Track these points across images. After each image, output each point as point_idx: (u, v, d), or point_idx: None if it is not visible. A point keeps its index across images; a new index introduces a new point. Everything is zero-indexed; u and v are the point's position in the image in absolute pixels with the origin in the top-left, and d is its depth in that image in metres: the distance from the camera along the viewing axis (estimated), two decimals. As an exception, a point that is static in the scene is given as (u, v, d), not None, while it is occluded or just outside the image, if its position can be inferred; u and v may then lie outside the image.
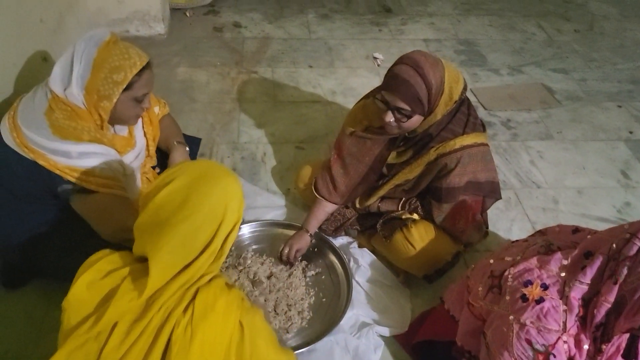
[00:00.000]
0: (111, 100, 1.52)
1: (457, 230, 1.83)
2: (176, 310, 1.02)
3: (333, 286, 1.92)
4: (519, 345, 1.23)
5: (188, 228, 1.01)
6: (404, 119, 1.60)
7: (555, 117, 2.88)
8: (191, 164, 1.11)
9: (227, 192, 1.05)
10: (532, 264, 1.31)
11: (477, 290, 1.44)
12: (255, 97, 2.87)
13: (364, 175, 1.87)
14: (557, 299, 1.23)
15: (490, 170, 1.77)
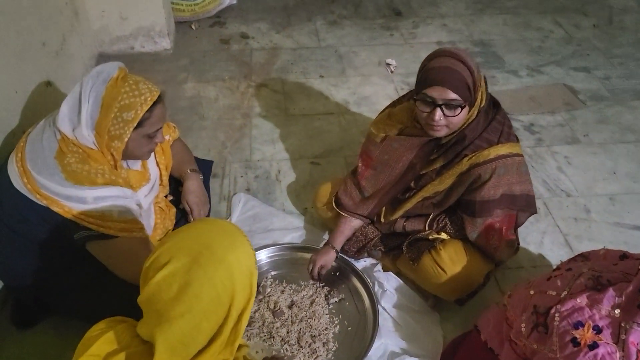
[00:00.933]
0: (122, 140, 1.44)
1: (490, 247, 1.71)
2: None
3: (358, 313, 1.81)
4: None
5: (188, 324, 0.87)
6: (453, 113, 1.50)
7: (580, 119, 2.75)
8: (188, 234, 0.95)
9: (233, 271, 0.90)
10: (581, 302, 1.19)
11: (519, 326, 1.33)
12: (266, 111, 2.77)
13: (394, 183, 1.76)
14: (612, 343, 1.11)
15: (526, 182, 1.66)
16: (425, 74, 1.51)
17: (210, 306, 0.88)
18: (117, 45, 3.09)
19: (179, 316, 0.87)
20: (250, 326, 1.73)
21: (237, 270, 0.91)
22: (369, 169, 1.81)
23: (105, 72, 1.43)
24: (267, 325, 1.74)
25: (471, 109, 1.54)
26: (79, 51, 2.74)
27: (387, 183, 1.78)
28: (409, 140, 1.69)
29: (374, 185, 1.81)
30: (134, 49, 3.12)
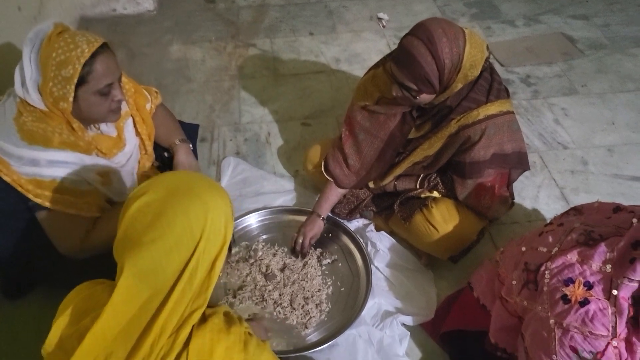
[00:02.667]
0: (67, 100, 1.34)
1: (482, 206, 1.68)
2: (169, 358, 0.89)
3: (351, 274, 1.80)
4: (562, 353, 1.09)
5: (158, 250, 0.86)
6: (410, 94, 1.44)
7: (578, 68, 2.67)
8: (170, 174, 0.97)
9: (208, 208, 0.91)
10: (572, 258, 1.16)
11: (510, 283, 1.31)
12: (254, 72, 2.70)
13: (380, 152, 1.71)
14: (603, 299, 1.08)
15: (517, 139, 1.60)
16: (398, 46, 1.44)
17: (182, 237, 0.87)
18: (98, 8, 2.98)
19: (149, 241, 0.86)
20: (242, 290, 1.72)
21: (212, 208, 0.91)
22: (352, 135, 1.75)
23: (42, 31, 1.33)
24: (259, 288, 1.73)
25: (442, 93, 1.47)
26: (59, 15, 2.64)
27: (372, 151, 1.72)
28: (390, 107, 1.63)
29: (356, 154, 1.75)
30: (116, 11, 3.01)
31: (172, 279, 0.89)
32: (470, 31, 1.42)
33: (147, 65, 2.68)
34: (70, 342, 0.92)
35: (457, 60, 1.38)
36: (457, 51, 1.37)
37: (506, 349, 1.32)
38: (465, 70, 1.42)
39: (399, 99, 1.51)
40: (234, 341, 0.94)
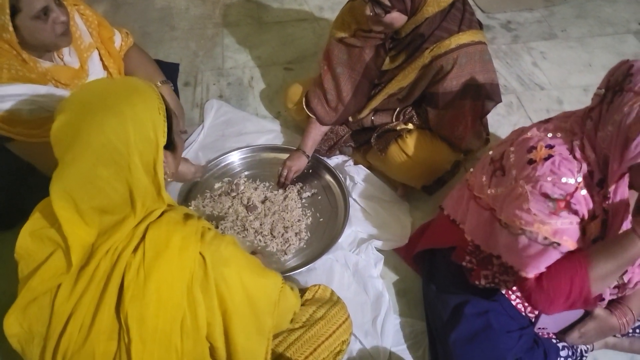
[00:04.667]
0: (7, 30, 1.35)
1: (456, 137, 1.73)
2: (125, 252, 0.92)
3: (330, 206, 1.86)
4: (535, 202, 1.14)
5: (82, 166, 0.88)
6: (382, 12, 1.48)
7: (559, 14, 2.70)
8: (86, 87, 0.96)
9: (125, 118, 0.89)
10: (532, 133, 1.23)
11: (480, 181, 1.35)
12: (238, 20, 2.71)
13: (357, 84, 1.75)
14: (565, 152, 1.14)
15: (490, 70, 1.64)
16: None
17: (103, 152, 0.88)
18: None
19: (71, 160, 0.88)
20: (223, 220, 1.79)
21: (131, 117, 0.90)
22: (330, 69, 1.79)
23: None
24: (240, 219, 1.79)
25: (412, 16, 1.50)
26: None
27: (349, 84, 1.76)
28: (365, 40, 1.66)
29: (335, 87, 1.79)
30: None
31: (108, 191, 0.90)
32: None
33: (132, 14, 2.69)
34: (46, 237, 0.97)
35: None
36: None
37: (480, 245, 1.35)
38: None
39: (372, 22, 1.54)
40: (189, 232, 0.96)
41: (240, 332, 1.01)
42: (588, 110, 1.18)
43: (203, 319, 0.97)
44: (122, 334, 0.93)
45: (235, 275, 0.98)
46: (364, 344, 1.52)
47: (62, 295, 0.93)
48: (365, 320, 1.57)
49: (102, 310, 0.92)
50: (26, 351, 1.00)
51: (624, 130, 1.04)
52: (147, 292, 0.91)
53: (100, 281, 0.93)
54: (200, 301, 0.95)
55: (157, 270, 0.92)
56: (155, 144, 0.93)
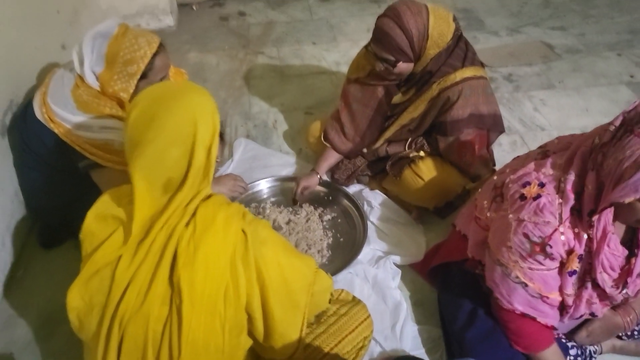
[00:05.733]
0: (128, 91, 1.61)
1: (464, 163, 1.90)
2: (178, 226, 1.05)
3: (349, 227, 2.01)
4: (516, 240, 1.30)
5: (157, 146, 1.02)
6: (391, 67, 1.72)
7: (556, 69, 2.95)
8: (155, 85, 1.11)
9: (192, 105, 1.05)
10: (530, 168, 1.39)
11: (482, 203, 1.52)
12: (263, 73, 2.99)
13: (371, 118, 1.96)
14: (553, 194, 1.29)
15: (492, 103, 1.85)
16: (374, 29, 1.73)
17: (174, 133, 1.02)
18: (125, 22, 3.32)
19: (148, 142, 1.02)
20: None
21: (196, 105, 1.05)
22: (347, 106, 2.02)
23: (106, 29, 1.58)
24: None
25: (418, 61, 1.74)
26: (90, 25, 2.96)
27: (364, 119, 1.97)
28: (378, 79, 1.89)
29: (352, 122, 2.00)
30: (140, 26, 3.36)
31: (178, 172, 1.05)
32: (433, 6, 1.70)
33: (167, 69, 2.99)
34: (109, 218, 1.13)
35: (424, 29, 1.66)
36: (422, 22, 1.65)
37: (481, 260, 1.51)
38: (434, 38, 1.69)
39: (384, 74, 1.78)
40: (233, 211, 1.10)
41: (276, 305, 1.11)
42: (600, 145, 1.25)
43: (243, 290, 1.08)
44: (174, 297, 1.05)
45: (272, 254, 1.11)
46: (384, 347, 1.61)
47: (122, 266, 1.05)
48: (384, 326, 1.67)
49: (157, 277, 1.05)
50: (84, 322, 1.11)
51: (621, 170, 1.14)
52: (196, 260, 1.03)
53: (156, 252, 1.05)
54: (241, 273, 1.07)
55: (205, 243, 1.04)
56: (213, 129, 1.08)
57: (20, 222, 1.94)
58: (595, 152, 1.25)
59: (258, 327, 1.15)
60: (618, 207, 1.21)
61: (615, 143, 1.18)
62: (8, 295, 1.80)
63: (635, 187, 1.09)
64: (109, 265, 1.07)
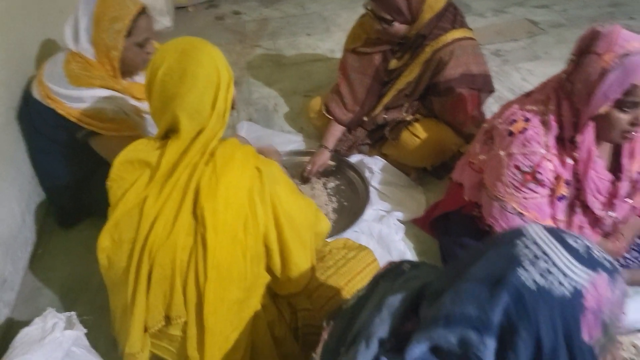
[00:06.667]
0: (117, 49, 1.71)
1: (458, 123, 2.01)
2: (200, 165, 1.16)
3: (352, 193, 2.11)
4: (509, 173, 1.41)
5: (195, 95, 1.13)
6: (387, 25, 1.84)
7: (541, 42, 3.07)
8: (171, 44, 1.19)
9: (213, 56, 1.15)
10: (515, 108, 1.49)
11: (475, 149, 1.62)
12: (261, 64, 3.11)
13: (369, 86, 2.07)
14: (538, 126, 1.40)
15: (482, 63, 1.97)
16: None
17: (205, 82, 1.14)
18: (124, 26, 3.45)
19: (186, 92, 1.13)
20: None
21: (215, 55, 1.17)
22: (345, 77, 2.13)
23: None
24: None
25: (413, 24, 1.86)
26: (92, 27, 3.08)
27: (362, 87, 2.08)
28: (375, 47, 2.01)
29: (350, 92, 2.11)
30: (139, 28, 3.48)
31: (209, 111, 1.18)
32: None
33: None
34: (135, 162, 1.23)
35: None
36: None
37: (477, 202, 1.61)
38: (430, 2, 1.81)
39: (380, 33, 1.89)
40: (248, 151, 1.22)
41: (290, 238, 1.21)
42: (567, 75, 1.44)
43: (262, 221, 1.18)
44: (198, 228, 1.15)
45: (284, 193, 1.21)
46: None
47: (149, 203, 1.16)
48: (391, 275, 1.76)
49: (182, 211, 1.15)
50: (114, 260, 1.21)
51: (589, 87, 1.28)
52: (218, 192, 1.13)
53: (181, 188, 1.15)
54: (259, 205, 1.17)
55: (225, 176, 1.15)
56: (229, 75, 1.20)
57: (38, 204, 2.03)
58: (565, 83, 1.38)
59: (275, 259, 1.24)
60: (599, 125, 1.32)
61: (578, 68, 1.31)
62: (31, 270, 1.89)
63: (605, 95, 1.21)
64: (137, 206, 1.17)
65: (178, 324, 1.16)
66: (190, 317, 1.15)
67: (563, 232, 0.76)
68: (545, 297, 0.69)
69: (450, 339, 0.74)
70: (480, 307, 0.72)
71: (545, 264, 0.71)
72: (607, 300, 0.71)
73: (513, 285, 0.71)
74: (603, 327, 0.71)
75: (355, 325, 0.89)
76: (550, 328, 0.69)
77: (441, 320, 0.76)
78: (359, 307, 0.94)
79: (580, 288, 0.70)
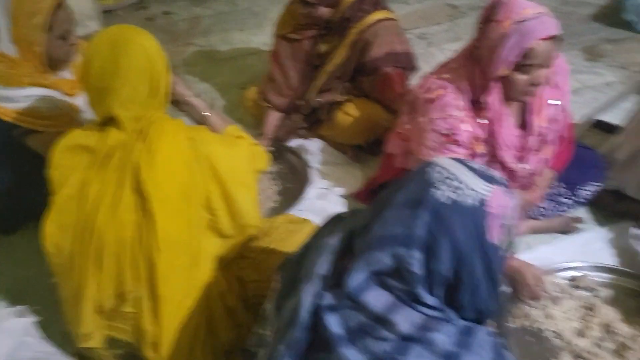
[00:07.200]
0: (40, 43, 1.70)
1: (388, 100, 2.13)
2: (136, 144, 1.22)
3: (294, 175, 2.19)
4: (430, 137, 1.53)
5: (129, 88, 1.20)
6: (313, 10, 1.95)
7: (462, 25, 3.27)
8: (101, 37, 1.25)
9: (144, 46, 1.23)
10: (432, 77, 1.63)
11: (402, 120, 1.74)
12: (195, 61, 3.14)
13: (301, 71, 2.17)
14: (453, 91, 1.53)
15: (404, 42, 2.11)
16: None
17: (138, 73, 1.21)
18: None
19: (120, 86, 1.20)
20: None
21: (148, 46, 1.25)
22: (278, 64, 2.22)
23: None
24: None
25: (336, 6, 1.97)
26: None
27: (295, 72, 2.18)
28: (303, 33, 2.10)
29: (284, 77, 2.20)
30: (67, 33, 3.42)
31: (146, 99, 1.24)
32: None
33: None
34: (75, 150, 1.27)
35: None
36: None
37: (408, 168, 1.72)
38: None
39: (306, 17, 1.98)
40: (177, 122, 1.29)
41: (236, 190, 1.29)
42: (474, 43, 1.59)
43: (201, 188, 1.26)
44: (143, 203, 1.20)
45: (219, 148, 1.30)
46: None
47: (92, 185, 1.22)
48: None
49: (124, 189, 1.21)
50: (61, 245, 1.25)
51: (491, 51, 1.43)
52: (156, 166, 1.21)
53: (120, 167, 1.22)
54: (197, 172, 1.25)
55: (160, 151, 1.22)
56: (164, 60, 1.28)
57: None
58: (474, 50, 1.52)
59: (223, 220, 1.32)
60: (503, 86, 1.46)
61: (483, 35, 1.46)
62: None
63: (505, 58, 1.36)
64: (80, 189, 1.23)
65: (130, 299, 1.21)
66: (143, 291, 1.20)
67: (464, 159, 0.90)
68: (458, 208, 0.83)
69: (384, 259, 0.85)
70: (405, 226, 0.84)
71: (455, 182, 0.85)
72: (505, 207, 0.86)
73: (430, 203, 0.84)
74: (505, 229, 0.86)
75: (302, 271, 0.98)
76: (464, 234, 0.82)
77: (374, 244, 0.87)
78: (304, 255, 1.03)
79: (484, 198, 0.84)
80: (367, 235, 0.89)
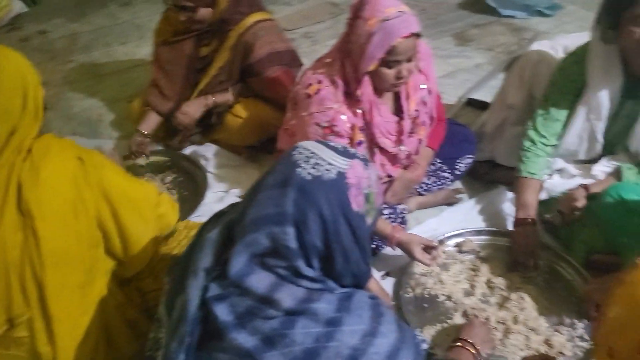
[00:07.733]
0: None
1: (280, 97, 2.15)
2: (17, 162, 1.17)
3: (191, 182, 2.18)
4: (311, 130, 1.60)
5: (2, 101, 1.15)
6: (194, 13, 1.94)
7: (343, 21, 3.34)
8: None
9: (14, 61, 1.20)
10: (309, 73, 1.69)
11: (287, 116, 1.80)
12: (78, 77, 3.02)
13: (184, 75, 2.16)
14: (329, 85, 1.61)
15: (285, 40, 2.17)
16: None
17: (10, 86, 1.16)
18: None
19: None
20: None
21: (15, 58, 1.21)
22: (161, 70, 2.20)
23: None
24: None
25: (214, 7, 1.99)
26: None
27: (178, 77, 2.17)
28: (182, 37, 2.11)
29: (168, 83, 2.18)
30: None
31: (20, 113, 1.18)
32: None
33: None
34: None
35: None
36: None
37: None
38: None
39: (189, 23, 1.98)
40: (65, 141, 1.26)
41: (127, 217, 1.27)
42: (345, 38, 1.67)
43: (91, 204, 1.22)
44: (27, 221, 1.16)
45: (113, 175, 1.28)
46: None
47: None
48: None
49: (6, 208, 1.15)
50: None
51: (360, 48, 1.49)
52: (39, 183, 1.17)
53: (2, 187, 1.16)
54: (86, 190, 1.22)
55: (45, 168, 1.18)
56: (35, 76, 1.24)
57: None
58: (344, 45, 1.60)
59: (114, 241, 1.29)
60: (373, 79, 1.56)
61: (352, 31, 1.54)
62: None
63: (372, 55, 1.45)
64: None
65: (22, 323, 1.16)
66: (35, 312, 1.16)
67: (325, 140, 1.00)
68: (320, 182, 0.91)
69: (261, 240, 0.91)
70: (276, 205, 0.91)
71: (315, 159, 0.93)
72: (364, 178, 0.95)
73: (296, 181, 0.91)
74: (365, 197, 0.95)
75: (188, 269, 1.00)
76: (328, 205, 0.90)
77: (249, 227, 0.92)
78: (189, 254, 1.05)
79: (343, 171, 0.93)
80: (243, 220, 0.94)
